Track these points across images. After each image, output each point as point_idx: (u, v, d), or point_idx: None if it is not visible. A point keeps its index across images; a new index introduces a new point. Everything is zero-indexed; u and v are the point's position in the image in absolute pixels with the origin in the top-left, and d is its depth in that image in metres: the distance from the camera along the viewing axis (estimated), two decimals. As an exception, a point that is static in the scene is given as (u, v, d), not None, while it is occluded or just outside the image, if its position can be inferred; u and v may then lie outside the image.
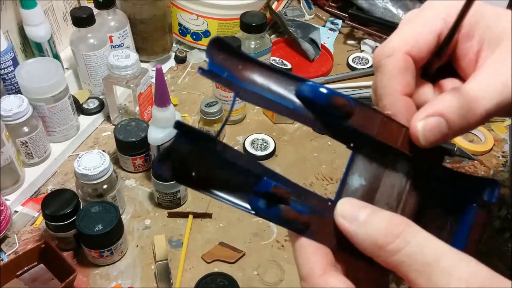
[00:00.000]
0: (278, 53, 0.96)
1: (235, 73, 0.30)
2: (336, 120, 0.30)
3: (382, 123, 0.30)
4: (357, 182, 0.31)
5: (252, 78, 0.30)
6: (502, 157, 0.77)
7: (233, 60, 0.30)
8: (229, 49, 0.30)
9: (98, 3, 0.78)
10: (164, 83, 0.61)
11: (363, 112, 0.30)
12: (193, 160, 0.27)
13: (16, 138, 0.65)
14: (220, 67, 0.30)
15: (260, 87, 0.30)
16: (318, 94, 0.29)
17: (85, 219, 0.57)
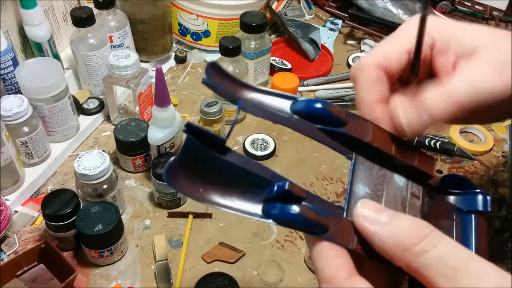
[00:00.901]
0: (278, 53, 0.96)
1: (232, 94, 0.31)
2: (334, 127, 0.31)
3: (374, 131, 0.32)
4: (363, 190, 0.31)
5: (249, 97, 0.31)
6: (502, 157, 0.77)
7: (229, 84, 0.31)
8: (223, 74, 0.31)
9: (98, 3, 0.78)
10: (164, 83, 0.61)
11: (356, 121, 0.31)
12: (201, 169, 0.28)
13: (16, 138, 0.65)
14: (218, 87, 0.31)
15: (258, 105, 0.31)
16: (314, 106, 0.30)
17: (85, 219, 0.57)
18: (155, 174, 0.64)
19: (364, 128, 0.31)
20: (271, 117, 0.31)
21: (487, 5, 1.04)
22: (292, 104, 0.31)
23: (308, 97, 0.87)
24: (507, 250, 0.64)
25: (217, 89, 0.30)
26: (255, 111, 0.31)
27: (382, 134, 0.32)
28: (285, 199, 0.27)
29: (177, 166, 0.27)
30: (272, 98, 0.31)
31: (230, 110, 0.79)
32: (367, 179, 0.31)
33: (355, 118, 0.31)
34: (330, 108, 0.30)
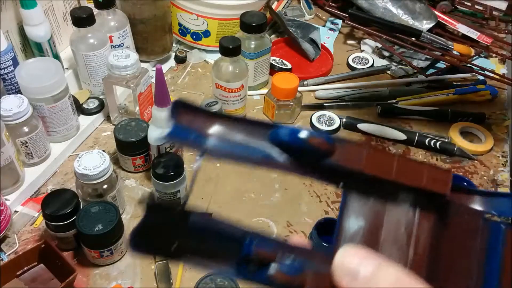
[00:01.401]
0: (278, 53, 0.96)
1: (202, 130, 0.29)
2: (317, 161, 0.28)
3: (369, 156, 0.28)
4: (355, 224, 0.28)
5: (221, 133, 0.29)
6: (502, 157, 0.77)
7: (200, 120, 0.29)
8: (193, 109, 0.29)
9: (98, 3, 0.78)
10: (164, 83, 0.61)
11: (345, 147, 0.28)
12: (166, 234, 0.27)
13: (16, 138, 0.65)
14: (186, 130, 0.28)
15: (230, 141, 0.29)
16: (291, 137, 0.28)
17: (85, 219, 0.57)
18: (155, 174, 0.64)
19: (355, 153, 0.28)
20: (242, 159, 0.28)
21: (487, 5, 1.04)
22: (271, 132, 0.28)
23: (308, 97, 0.87)
24: (507, 250, 0.64)
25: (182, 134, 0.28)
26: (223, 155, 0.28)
27: (379, 156, 0.29)
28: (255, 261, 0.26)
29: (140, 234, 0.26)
30: (246, 128, 0.29)
31: (230, 110, 0.79)
32: (361, 210, 0.28)
33: (344, 144, 0.28)
34: (310, 141, 0.27)
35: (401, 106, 0.83)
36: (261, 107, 0.85)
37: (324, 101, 0.86)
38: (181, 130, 0.28)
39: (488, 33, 0.98)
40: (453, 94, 0.86)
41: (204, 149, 0.28)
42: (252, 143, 0.29)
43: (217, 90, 0.78)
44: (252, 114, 0.84)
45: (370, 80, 0.91)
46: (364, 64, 0.94)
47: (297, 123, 0.82)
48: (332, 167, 0.28)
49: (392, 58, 0.96)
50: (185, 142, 0.28)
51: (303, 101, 0.83)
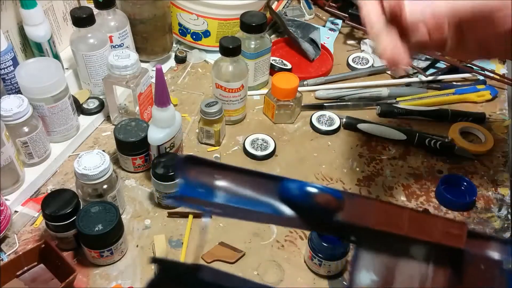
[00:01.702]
0: (278, 53, 0.96)
1: (211, 184, 0.28)
2: (326, 217, 0.28)
3: (379, 210, 0.28)
4: (367, 278, 0.28)
5: (230, 187, 0.28)
6: (502, 157, 0.77)
7: (208, 172, 0.29)
8: (202, 162, 0.29)
9: (98, 3, 0.78)
10: (164, 83, 0.61)
11: (354, 202, 0.28)
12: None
13: (16, 138, 0.65)
14: (194, 185, 0.28)
15: (238, 196, 0.28)
16: (299, 194, 0.28)
17: (85, 219, 0.57)
18: (155, 174, 0.64)
19: (365, 208, 0.28)
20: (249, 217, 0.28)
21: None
22: (279, 187, 0.28)
23: (308, 97, 0.87)
24: (507, 250, 0.64)
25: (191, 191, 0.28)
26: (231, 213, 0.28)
27: (390, 211, 0.28)
28: None
29: None
30: (255, 181, 0.29)
31: (231, 110, 0.79)
32: (372, 264, 0.28)
33: (353, 198, 0.28)
34: (317, 199, 0.28)
35: (401, 106, 0.83)
36: (261, 107, 0.85)
37: (324, 101, 0.86)
38: (190, 187, 0.28)
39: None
40: (453, 94, 0.86)
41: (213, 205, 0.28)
42: (260, 198, 0.28)
43: (217, 90, 0.78)
44: (252, 114, 0.84)
45: (370, 80, 0.91)
46: (364, 64, 0.94)
47: (297, 123, 0.82)
48: (341, 224, 0.27)
49: (392, 58, 0.96)
50: (194, 201, 0.28)
51: (303, 101, 0.83)
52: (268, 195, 0.28)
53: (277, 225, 0.28)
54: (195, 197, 0.28)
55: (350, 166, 0.75)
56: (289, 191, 0.28)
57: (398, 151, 0.77)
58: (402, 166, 0.75)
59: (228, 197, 0.28)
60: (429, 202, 0.70)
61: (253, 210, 0.28)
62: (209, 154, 0.76)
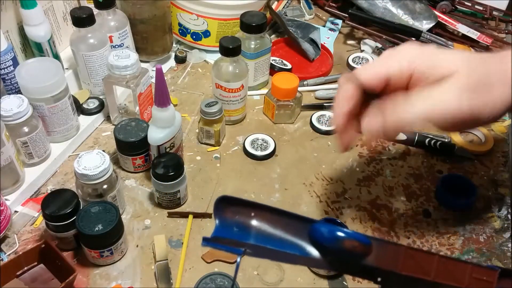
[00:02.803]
0: (278, 53, 0.96)
1: (246, 223, 0.30)
2: (353, 261, 0.29)
3: (407, 256, 0.29)
4: None
5: (263, 227, 0.30)
6: (502, 157, 0.77)
7: (244, 210, 0.30)
8: (238, 202, 0.30)
9: (98, 3, 0.78)
10: (164, 83, 0.61)
11: (382, 248, 0.29)
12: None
13: (16, 138, 0.65)
14: (230, 224, 0.30)
15: (271, 236, 0.30)
16: (328, 237, 0.29)
17: (85, 219, 0.57)
18: (155, 174, 0.64)
19: (393, 253, 0.29)
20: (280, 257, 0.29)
21: (487, 5, 1.04)
22: (309, 229, 0.29)
23: (308, 97, 0.87)
24: (507, 250, 0.64)
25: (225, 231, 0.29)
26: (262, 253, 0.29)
27: (417, 257, 0.29)
28: None
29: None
30: (287, 222, 0.30)
31: (230, 110, 0.79)
32: None
33: (381, 243, 0.29)
34: (344, 244, 0.28)
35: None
36: (261, 107, 0.85)
37: (324, 101, 0.86)
38: (225, 228, 0.29)
39: (488, 33, 0.98)
40: (453, 94, 0.86)
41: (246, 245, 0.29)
42: (291, 239, 0.30)
43: (217, 90, 0.78)
44: (252, 114, 0.84)
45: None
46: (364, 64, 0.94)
47: (297, 123, 0.82)
48: (368, 267, 0.28)
49: (392, 58, 0.96)
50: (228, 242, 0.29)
51: (303, 101, 0.83)
52: (298, 236, 0.30)
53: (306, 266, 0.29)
54: (229, 238, 0.30)
55: (350, 166, 0.75)
56: (319, 234, 0.29)
57: (398, 151, 0.77)
58: (402, 166, 0.75)
59: (261, 237, 0.30)
60: (429, 202, 0.70)
61: (283, 251, 0.29)
62: (209, 154, 0.76)
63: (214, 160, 0.75)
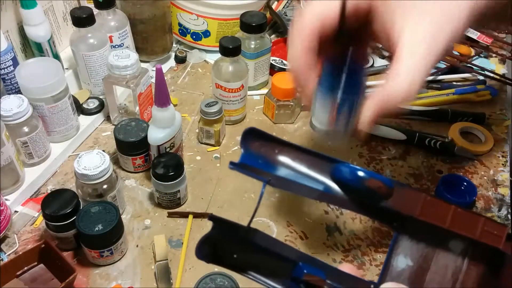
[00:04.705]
0: (278, 53, 0.96)
1: (270, 158, 0.30)
2: (373, 202, 0.29)
3: (426, 203, 0.29)
4: (403, 263, 0.29)
5: (287, 162, 0.30)
6: (502, 157, 0.77)
7: (269, 146, 0.31)
8: (265, 137, 0.31)
9: (98, 3, 0.78)
10: (164, 83, 0.61)
11: (403, 192, 0.29)
12: (229, 247, 0.29)
13: (16, 138, 0.65)
14: (255, 156, 0.30)
15: (294, 171, 0.30)
16: (351, 176, 0.29)
17: (85, 219, 0.57)
18: (155, 174, 0.64)
19: (413, 199, 0.29)
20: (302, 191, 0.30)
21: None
22: (333, 167, 0.30)
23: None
24: (507, 250, 0.64)
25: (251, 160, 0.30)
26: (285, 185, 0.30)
27: (435, 204, 0.29)
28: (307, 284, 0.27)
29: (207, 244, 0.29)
30: (312, 160, 0.30)
31: (230, 110, 0.79)
32: (410, 250, 0.29)
33: (403, 188, 0.29)
34: (369, 183, 0.29)
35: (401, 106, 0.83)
36: (261, 107, 0.85)
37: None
38: (251, 158, 0.30)
39: (488, 33, 0.98)
40: (453, 94, 0.86)
41: (270, 176, 0.30)
42: (315, 175, 0.30)
43: (217, 90, 0.78)
44: (252, 114, 0.84)
45: (370, 80, 0.91)
46: (364, 64, 0.94)
47: (297, 123, 0.82)
48: (388, 210, 0.29)
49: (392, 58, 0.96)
50: (253, 170, 0.30)
51: (303, 101, 0.83)
52: (322, 173, 0.30)
53: (327, 203, 0.30)
54: (254, 166, 0.30)
55: (350, 166, 0.75)
56: (342, 172, 0.30)
57: (398, 151, 0.77)
58: (402, 166, 0.75)
59: (285, 171, 0.30)
60: (429, 202, 0.70)
61: (307, 185, 0.30)
62: (209, 154, 0.76)
63: (214, 160, 0.75)
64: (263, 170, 0.30)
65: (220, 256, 0.29)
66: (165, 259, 0.59)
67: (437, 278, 0.29)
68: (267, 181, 0.30)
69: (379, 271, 0.30)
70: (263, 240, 0.29)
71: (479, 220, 0.29)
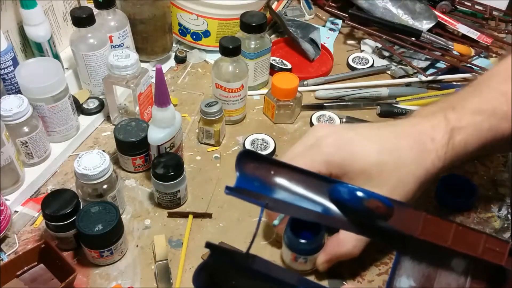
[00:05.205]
0: (278, 53, 0.96)
1: (267, 180, 0.30)
2: (373, 222, 0.29)
3: (426, 222, 0.29)
4: (406, 283, 0.29)
5: (284, 183, 0.30)
6: (502, 157, 0.77)
7: (264, 167, 0.30)
8: (260, 158, 0.30)
9: (98, 3, 0.78)
10: (164, 83, 0.61)
11: (403, 212, 0.29)
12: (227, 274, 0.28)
13: (16, 138, 0.65)
14: (250, 178, 0.30)
15: (291, 193, 0.30)
16: (350, 196, 0.28)
17: (85, 219, 0.57)
18: (155, 174, 0.64)
19: (413, 218, 0.29)
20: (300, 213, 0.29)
21: (487, 5, 1.04)
22: (331, 188, 0.29)
23: (308, 97, 0.87)
24: (507, 250, 0.64)
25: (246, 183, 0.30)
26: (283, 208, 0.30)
27: (436, 223, 0.29)
28: None
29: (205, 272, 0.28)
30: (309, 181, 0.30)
31: (230, 110, 0.79)
32: (413, 270, 0.29)
33: (403, 208, 0.29)
34: (368, 204, 0.28)
35: (401, 106, 0.83)
36: (261, 107, 0.85)
37: (324, 101, 0.86)
38: (246, 181, 0.30)
39: (488, 33, 0.98)
40: (453, 94, 0.86)
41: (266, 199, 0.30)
42: (312, 196, 0.29)
43: (217, 90, 0.78)
44: (252, 114, 0.84)
45: (370, 80, 0.91)
46: (364, 64, 0.94)
47: (297, 123, 0.82)
48: (389, 230, 0.28)
49: (392, 58, 0.96)
50: (249, 194, 0.30)
51: (303, 101, 0.83)
52: (319, 194, 0.30)
53: (325, 224, 0.29)
54: (251, 190, 0.30)
55: (350, 166, 0.75)
56: (340, 193, 0.29)
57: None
58: (402, 166, 0.75)
59: (282, 193, 0.30)
60: (429, 202, 0.70)
61: (305, 207, 0.29)
62: (209, 154, 0.76)
63: (214, 160, 0.75)
64: (259, 193, 0.30)
65: (218, 284, 0.28)
66: (165, 259, 0.59)
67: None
68: (264, 205, 0.29)
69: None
70: (262, 266, 0.29)
71: (480, 238, 0.29)
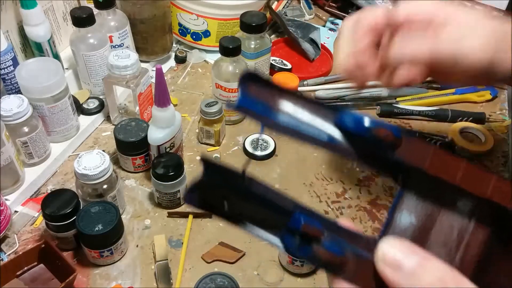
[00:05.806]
0: (278, 53, 0.96)
1: (270, 103, 0.28)
2: (380, 152, 0.27)
3: (435, 155, 0.27)
4: (407, 220, 0.27)
5: (288, 108, 0.28)
6: (502, 157, 0.77)
7: (269, 92, 0.28)
8: (266, 83, 0.28)
9: (98, 3, 0.78)
10: (164, 83, 0.61)
11: (412, 143, 0.27)
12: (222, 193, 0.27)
13: (16, 138, 0.65)
14: (253, 101, 0.28)
15: (295, 118, 0.28)
16: (357, 125, 0.27)
17: (85, 219, 0.57)
18: (155, 174, 0.64)
19: (422, 150, 0.27)
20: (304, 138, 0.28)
21: (487, 5, 1.04)
22: (338, 116, 0.28)
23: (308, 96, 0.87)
24: (507, 250, 0.64)
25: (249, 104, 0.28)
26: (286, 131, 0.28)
27: (446, 159, 0.27)
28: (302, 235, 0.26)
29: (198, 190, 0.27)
30: (315, 108, 0.28)
31: (230, 110, 0.79)
32: (415, 207, 0.27)
33: (411, 138, 0.27)
34: (377, 132, 0.27)
35: (401, 106, 0.83)
36: (261, 107, 0.85)
37: (324, 101, 0.86)
38: (249, 100, 0.28)
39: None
40: (453, 94, 0.86)
41: (270, 122, 0.28)
42: (318, 123, 0.28)
43: (217, 90, 0.78)
44: (252, 114, 0.84)
45: (370, 80, 0.91)
46: (364, 64, 0.94)
47: (297, 123, 0.82)
48: (395, 161, 0.27)
49: (392, 58, 0.96)
50: (253, 112, 0.28)
51: (303, 101, 0.83)
52: (326, 122, 0.28)
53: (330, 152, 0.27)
54: (253, 111, 0.28)
55: (350, 166, 0.75)
56: (347, 121, 0.27)
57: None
58: (402, 166, 0.75)
59: (287, 118, 0.28)
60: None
61: (310, 133, 0.28)
62: (209, 154, 0.76)
63: (214, 160, 0.75)
64: (262, 116, 0.28)
65: (211, 204, 0.27)
66: (165, 259, 0.59)
67: (442, 237, 0.27)
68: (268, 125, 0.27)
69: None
70: (259, 188, 0.27)
71: (490, 178, 0.27)
